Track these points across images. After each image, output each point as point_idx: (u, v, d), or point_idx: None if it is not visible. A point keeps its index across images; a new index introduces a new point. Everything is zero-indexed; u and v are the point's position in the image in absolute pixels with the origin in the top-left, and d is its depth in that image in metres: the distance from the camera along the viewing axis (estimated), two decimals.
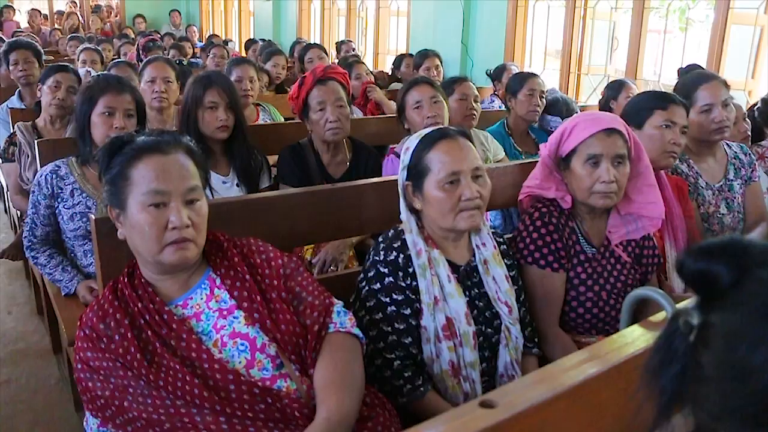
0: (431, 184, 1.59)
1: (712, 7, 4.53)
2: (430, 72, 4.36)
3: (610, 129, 1.80)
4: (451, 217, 1.58)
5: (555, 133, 1.90)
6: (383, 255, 1.61)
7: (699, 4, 6.35)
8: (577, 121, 1.86)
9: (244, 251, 1.45)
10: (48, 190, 2.23)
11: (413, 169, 1.63)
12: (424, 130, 1.68)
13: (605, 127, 1.80)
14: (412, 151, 1.64)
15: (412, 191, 1.64)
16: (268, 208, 1.75)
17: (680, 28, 7.72)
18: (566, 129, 1.86)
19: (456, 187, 1.57)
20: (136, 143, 1.38)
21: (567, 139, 1.86)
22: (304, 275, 1.48)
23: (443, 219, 1.60)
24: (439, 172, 1.57)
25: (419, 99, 2.56)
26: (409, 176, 1.64)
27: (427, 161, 1.59)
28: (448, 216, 1.58)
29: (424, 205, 1.62)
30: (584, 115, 1.89)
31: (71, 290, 2.24)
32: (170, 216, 1.32)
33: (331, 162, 2.57)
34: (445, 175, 1.57)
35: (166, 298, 1.38)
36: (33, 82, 3.88)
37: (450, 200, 1.57)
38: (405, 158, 1.65)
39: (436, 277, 1.61)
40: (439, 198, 1.58)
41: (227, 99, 2.47)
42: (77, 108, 2.26)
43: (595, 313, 1.87)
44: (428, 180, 1.59)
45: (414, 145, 1.64)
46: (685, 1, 7.02)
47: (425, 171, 1.60)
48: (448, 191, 1.57)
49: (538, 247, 1.82)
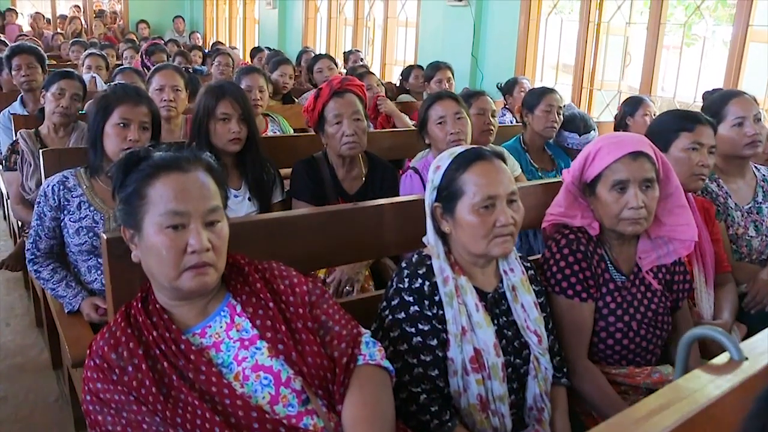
0: (464, 208, 1.51)
1: (718, 23, 4.48)
2: (442, 84, 4.29)
3: (636, 152, 1.72)
4: (484, 243, 1.50)
5: (578, 158, 1.82)
6: (408, 282, 1.52)
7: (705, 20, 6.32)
8: (600, 144, 1.77)
9: (266, 276, 1.36)
10: (54, 202, 2.14)
11: (444, 190, 1.55)
12: (456, 149, 1.60)
13: (631, 151, 1.71)
14: (443, 171, 1.55)
15: (441, 213, 1.56)
16: (285, 228, 1.66)
17: (686, 44, 7.70)
18: (590, 154, 1.78)
19: (491, 212, 1.49)
20: (153, 160, 1.29)
21: (591, 164, 1.77)
22: (329, 302, 1.39)
23: (475, 245, 1.52)
24: (474, 195, 1.49)
25: (443, 114, 2.48)
26: (438, 197, 1.56)
27: (461, 183, 1.52)
28: (480, 242, 1.50)
29: (455, 228, 1.54)
30: (608, 138, 1.80)
31: (75, 307, 2.14)
32: (189, 239, 1.23)
33: (346, 177, 2.49)
34: (481, 199, 1.49)
35: (182, 325, 1.29)
36: (36, 88, 3.81)
37: (484, 226, 1.49)
38: (435, 178, 1.57)
39: (464, 306, 1.53)
40: (473, 223, 1.50)
41: (240, 110, 2.39)
42: (90, 116, 2.18)
43: (625, 344, 1.79)
44: (461, 203, 1.51)
45: (446, 164, 1.56)
46: (691, 16, 6.99)
47: (458, 193, 1.52)
48: (482, 216, 1.49)
49: (566, 276, 1.74)
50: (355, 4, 7.51)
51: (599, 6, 4.73)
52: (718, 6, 9.17)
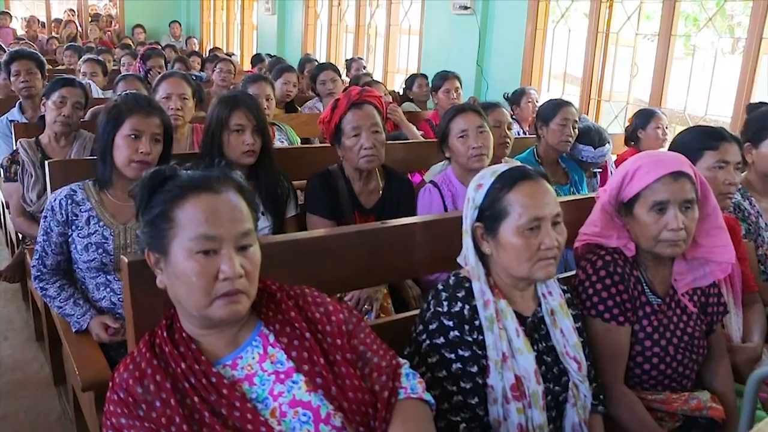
0: (509, 229, 1.45)
1: (719, 35, 4.45)
2: (449, 94, 4.22)
3: (676, 172, 1.65)
4: (528, 266, 1.45)
5: (615, 177, 1.76)
6: (447, 306, 1.45)
7: (703, 31, 6.31)
8: (639, 163, 1.71)
9: (299, 303, 1.28)
10: (62, 217, 2.05)
11: (487, 210, 1.49)
12: (499, 167, 1.54)
13: (672, 171, 1.65)
14: (486, 190, 1.49)
15: (482, 234, 1.50)
16: (312, 249, 1.59)
17: (686, 53, 7.71)
18: (628, 172, 1.72)
19: (536, 234, 1.44)
20: (180, 179, 1.21)
21: (629, 183, 1.71)
22: (366, 331, 1.32)
23: (518, 267, 1.46)
24: (520, 216, 1.44)
25: (465, 128, 2.42)
26: (480, 217, 1.50)
27: (506, 203, 1.46)
28: (524, 265, 1.45)
29: (496, 250, 1.48)
30: (647, 157, 1.74)
31: (83, 326, 2.05)
32: (221, 265, 1.15)
33: (363, 191, 2.41)
34: (527, 220, 1.43)
35: (211, 356, 1.21)
36: (36, 95, 3.73)
37: (529, 248, 1.43)
38: (477, 197, 1.51)
39: (504, 331, 1.47)
40: (517, 245, 1.44)
41: (255, 121, 2.31)
42: (100, 127, 2.09)
43: (662, 369, 1.73)
44: (505, 224, 1.45)
45: (489, 183, 1.50)
46: (689, 27, 6.99)
47: (502, 214, 1.46)
48: (527, 238, 1.44)
49: (603, 299, 1.68)
50: (357, 11, 7.45)
51: (608, 16, 4.68)
52: (717, 17, 9.20)
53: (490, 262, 1.53)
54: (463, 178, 2.50)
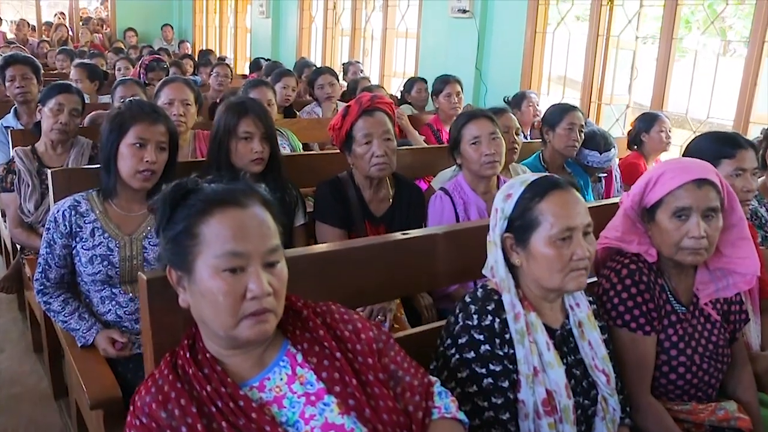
0: (540, 240, 1.42)
1: (708, 35, 4.45)
2: (451, 99, 4.17)
3: (701, 180, 1.62)
4: (559, 277, 1.42)
5: (639, 182, 1.73)
6: (477, 319, 1.42)
7: (694, 33, 6.34)
8: (663, 169, 1.69)
9: (327, 320, 1.24)
10: (65, 228, 1.98)
11: (517, 220, 1.46)
12: (528, 176, 1.51)
13: (696, 178, 1.62)
14: (516, 200, 1.46)
15: (512, 245, 1.47)
16: (333, 262, 1.54)
17: (680, 55, 7.75)
18: (651, 178, 1.69)
19: (568, 245, 1.41)
20: (204, 193, 1.16)
21: (652, 188, 1.68)
22: (395, 348, 1.27)
23: (550, 278, 1.43)
24: (552, 227, 1.41)
25: (477, 135, 2.38)
26: (509, 227, 1.47)
27: (537, 213, 1.43)
28: (556, 276, 1.42)
29: (527, 261, 1.46)
30: (672, 163, 1.72)
31: (89, 341, 1.98)
32: (249, 283, 1.10)
33: (373, 198, 2.37)
34: (559, 230, 1.41)
35: (237, 378, 1.16)
36: (31, 100, 3.65)
37: (561, 259, 1.41)
38: (506, 207, 1.48)
39: (535, 345, 1.44)
40: (549, 255, 1.41)
41: (263, 129, 2.26)
42: (103, 135, 2.02)
43: (688, 379, 1.69)
44: (536, 234, 1.43)
45: (519, 193, 1.47)
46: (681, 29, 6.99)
47: (533, 224, 1.43)
48: (559, 248, 1.41)
49: (629, 309, 1.64)
50: (353, 14, 7.39)
51: (609, 19, 4.66)
52: (708, 20, 9.23)
53: (519, 273, 1.50)
54: (475, 185, 2.46)
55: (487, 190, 2.48)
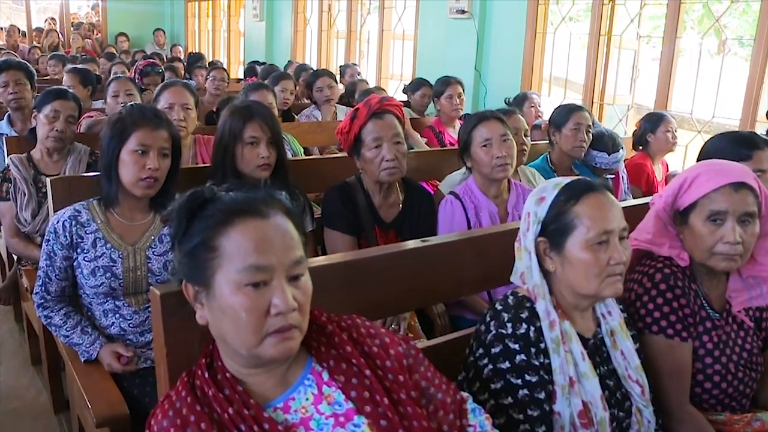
0: (576, 244, 1.37)
1: (704, 34, 4.42)
2: (452, 100, 4.11)
3: (738, 183, 1.56)
4: (596, 282, 1.37)
5: (673, 183, 1.67)
6: (511, 327, 1.36)
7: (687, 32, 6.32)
8: (699, 171, 1.63)
9: (353, 335, 1.16)
10: (66, 239, 1.91)
11: (551, 223, 1.41)
12: (561, 180, 1.46)
13: (734, 181, 1.56)
14: (550, 203, 1.41)
15: (545, 250, 1.42)
16: (355, 271, 1.47)
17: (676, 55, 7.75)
18: (686, 179, 1.63)
19: (604, 249, 1.36)
20: (223, 202, 1.09)
21: (687, 190, 1.62)
22: (425, 364, 1.20)
23: (586, 284, 1.38)
24: (589, 230, 1.36)
25: (488, 137, 2.31)
26: (542, 232, 1.41)
27: (572, 216, 1.38)
28: (593, 281, 1.37)
29: (562, 266, 1.40)
30: (708, 165, 1.65)
31: (93, 356, 1.91)
32: (273, 298, 1.03)
33: (382, 204, 2.30)
34: (596, 234, 1.36)
35: (260, 398, 1.08)
36: (25, 106, 3.58)
37: (598, 263, 1.36)
38: (539, 210, 1.43)
39: (570, 354, 1.38)
40: (586, 260, 1.36)
41: (270, 133, 2.19)
42: (104, 141, 1.95)
43: (723, 388, 1.63)
44: (572, 238, 1.37)
45: (553, 196, 1.42)
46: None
47: (569, 227, 1.38)
48: (596, 252, 1.36)
49: (665, 314, 1.58)
50: (348, 16, 7.33)
51: (610, 19, 4.62)
52: (703, 19, 9.23)
53: (551, 279, 1.44)
54: (486, 189, 2.40)
55: (498, 193, 2.43)
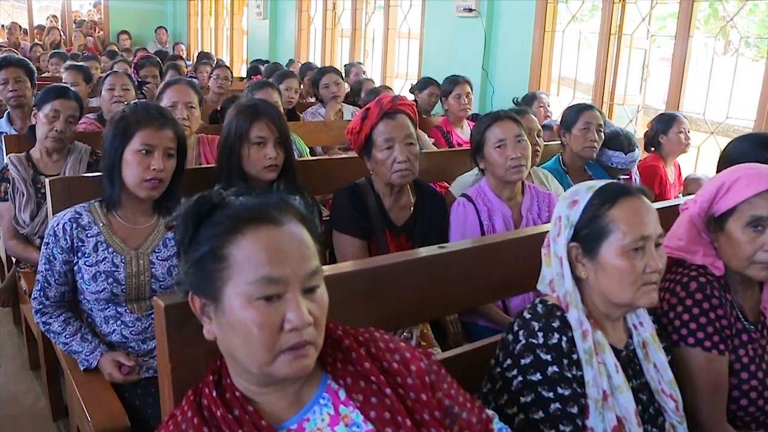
0: (611, 249, 1.30)
1: (710, 34, 4.34)
2: (460, 100, 4.04)
3: None
4: (631, 290, 1.30)
5: (709, 187, 1.58)
6: (542, 337, 1.28)
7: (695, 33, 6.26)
8: (738, 174, 1.54)
9: (371, 350, 1.08)
10: (66, 243, 1.83)
11: (584, 228, 1.34)
12: (594, 183, 1.39)
13: None
14: (584, 207, 1.34)
15: (577, 256, 1.35)
16: (362, 281, 1.39)
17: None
18: (724, 183, 1.55)
19: (641, 255, 1.30)
20: (233, 208, 1.01)
21: (724, 195, 1.54)
22: (448, 380, 1.13)
23: (620, 292, 1.31)
24: (625, 235, 1.29)
25: (502, 137, 2.24)
26: (575, 237, 1.35)
27: (608, 220, 1.31)
28: (627, 289, 1.30)
29: (595, 273, 1.34)
30: (748, 168, 1.57)
31: (93, 364, 1.83)
32: (287, 312, 0.95)
33: (393, 206, 2.22)
34: (632, 239, 1.29)
35: (272, 419, 1.00)
36: (25, 104, 3.50)
37: (634, 271, 1.29)
38: (572, 214, 1.36)
39: (603, 366, 1.31)
40: (621, 267, 1.30)
41: (277, 133, 2.12)
42: (106, 141, 1.87)
43: (760, 405, 1.55)
44: (607, 244, 1.31)
45: (586, 199, 1.35)
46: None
47: (603, 232, 1.31)
48: (632, 259, 1.30)
49: (702, 326, 1.50)
50: (353, 14, 7.25)
51: (621, 17, 4.54)
52: (710, 19, 9.16)
53: (583, 287, 1.37)
54: (500, 191, 2.32)
55: (512, 196, 2.35)
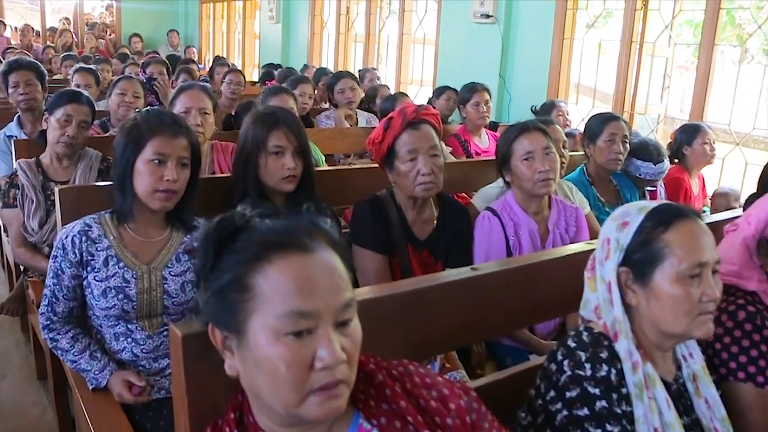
0: (665, 276, 1.22)
1: (726, 42, 4.24)
2: (479, 108, 3.95)
3: None
4: (686, 320, 1.21)
5: (764, 207, 1.48)
6: (590, 369, 1.19)
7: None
8: None
9: (407, 386, 0.99)
10: (75, 257, 1.75)
11: (636, 252, 1.25)
12: (646, 204, 1.30)
13: None
14: (635, 229, 1.26)
15: (627, 281, 1.26)
16: (391, 307, 1.29)
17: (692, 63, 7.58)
18: None
19: (697, 283, 1.22)
20: (258, 233, 0.92)
21: None
22: (489, 418, 1.03)
23: (675, 322, 1.22)
24: (681, 261, 1.21)
25: (530, 150, 2.14)
26: (626, 261, 1.26)
27: (662, 245, 1.23)
28: (682, 319, 1.21)
29: (647, 301, 1.25)
30: None
31: (102, 384, 1.75)
32: (318, 349, 0.86)
33: (416, 220, 2.13)
34: (689, 265, 1.21)
35: None
36: (36, 107, 3.45)
37: (690, 299, 1.21)
38: (622, 237, 1.27)
39: (654, 401, 1.22)
40: (675, 295, 1.21)
41: (296, 142, 2.03)
42: (117, 150, 1.78)
43: None
44: (661, 270, 1.22)
45: (638, 221, 1.27)
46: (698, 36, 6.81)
47: (658, 257, 1.23)
48: (688, 287, 1.21)
49: (753, 359, 1.41)
50: (367, 19, 7.18)
51: (643, 25, 4.43)
52: (727, 27, 9.04)
53: (632, 315, 1.28)
54: (526, 205, 2.23)
55: (539, 210, 2.26)
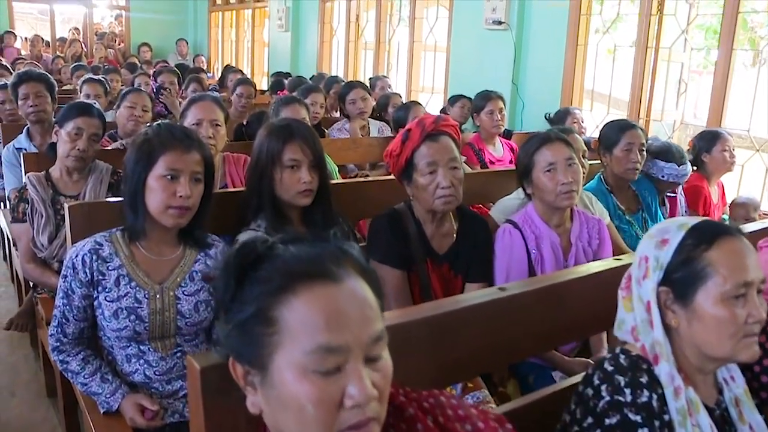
0: (709, 296, 1.16)
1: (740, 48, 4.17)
2: (493, 116, 3.89)
3: None
4: (730, 343, 1.15)
5: None
6: (630, 395, 1.13)
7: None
8: None
9: (439, 419, 0.93)
10: (86, 276, 1.69)
11: (677, 271, 1.19)
12: (686, 220, 1.24)
13: None
14: (676, 247, 1.19)
15: (666, 301, 1.20)
16: (415, 332, 1.23)
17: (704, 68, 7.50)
18: None
19: (742, 303, 1.16)
20: (283, 261, 0.86)
21: None
22: None
23: (718, 345, 1.16)
24: (725, 281, 1.15)
25: (552, 161, 2.08)
26: (665, 280, 1.19)
27: (705, 263, 1.17)
28: (727, 342, 1.15)
29: (688, 322, 1.19)
30: None
31: (114, 407, 1.69)
32: (348, 386, 0.80)
33: (435, 234, 2.07)
34: (734, 285, 1.15)
35: None
36: (45, 119, 3.43)
37: (734, 321, 1.15)
38: (662, 255, 1.21)
39: (698, 429, 1.15)
40: (720, 316, 1.15)
41: (311, 155, 1.97)
42: (128, 166, 1.73)
43: None
44: (704, 290, 1.17)
45: (678, 238, 1.21)
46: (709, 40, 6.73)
47: (700, 277, 1.17)
48: (733, 307, 1.15)
49: None
50: (377, 27, 7.13)
51: (658, 30, 4.37)
52: (739, 30, 8.95)
53: (672, 336, 1.22)
54: (548, 218, 2.17)
55: (561, 222, 2.19)
